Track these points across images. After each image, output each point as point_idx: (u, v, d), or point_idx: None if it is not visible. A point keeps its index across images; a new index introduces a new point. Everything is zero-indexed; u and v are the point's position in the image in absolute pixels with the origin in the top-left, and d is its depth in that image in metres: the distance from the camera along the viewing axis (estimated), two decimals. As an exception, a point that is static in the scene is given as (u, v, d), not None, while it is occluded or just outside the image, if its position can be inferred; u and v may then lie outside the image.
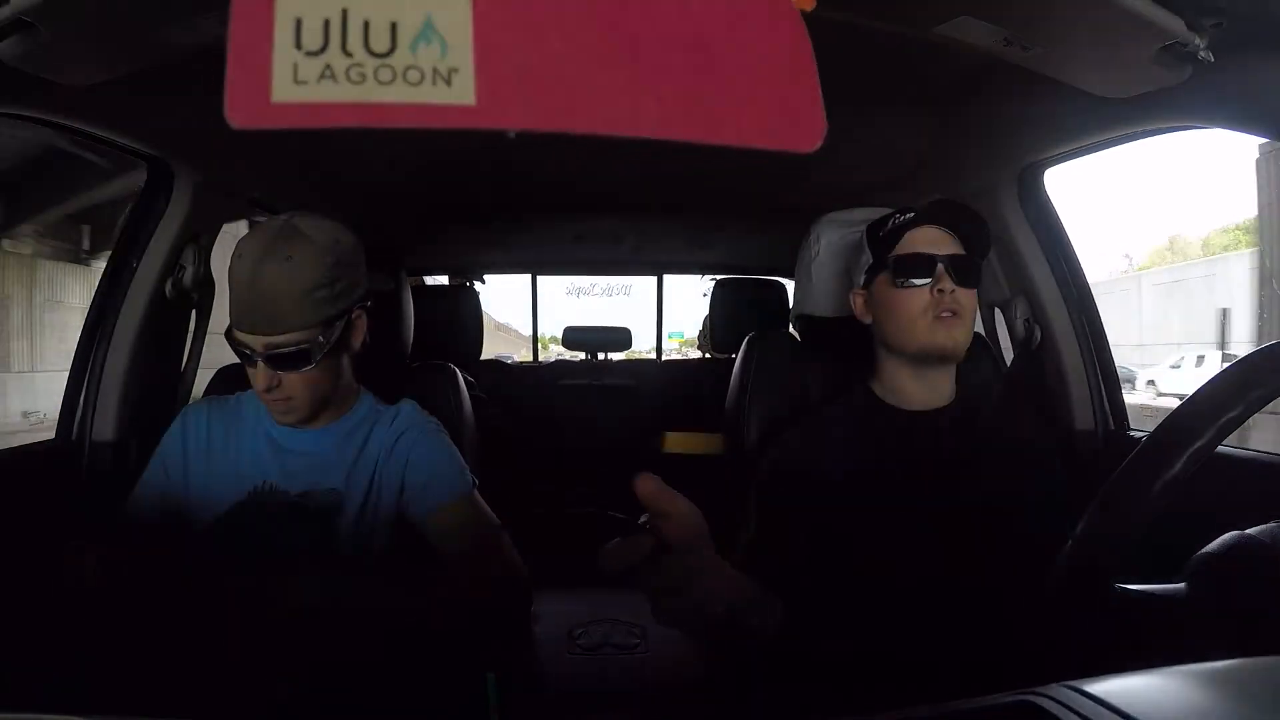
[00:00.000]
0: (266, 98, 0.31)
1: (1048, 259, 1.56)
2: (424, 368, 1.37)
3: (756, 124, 0.35)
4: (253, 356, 1.03)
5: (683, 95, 0.34)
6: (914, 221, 1.10)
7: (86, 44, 0.98)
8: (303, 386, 1.06)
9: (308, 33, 0.31)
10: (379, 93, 0.31)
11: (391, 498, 1.11)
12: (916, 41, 1.04)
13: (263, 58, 0.31)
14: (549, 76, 0.33)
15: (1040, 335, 1.57)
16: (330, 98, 0.31)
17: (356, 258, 1.08)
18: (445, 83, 0.32)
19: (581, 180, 2.10)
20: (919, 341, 1.07)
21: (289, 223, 1.04)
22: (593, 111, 0.33)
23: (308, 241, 1.01)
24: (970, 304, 1.08)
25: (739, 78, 0.35)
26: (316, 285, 1.01)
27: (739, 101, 0.35)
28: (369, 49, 0.31)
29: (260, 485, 1.10)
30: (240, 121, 0.30)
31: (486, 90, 0.32)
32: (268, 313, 1.00)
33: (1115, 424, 1.58)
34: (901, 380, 1.10)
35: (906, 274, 1.07)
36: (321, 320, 1.03)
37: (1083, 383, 1.57)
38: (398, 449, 1.13)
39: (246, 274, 1.00)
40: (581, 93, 0.33)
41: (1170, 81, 0.99)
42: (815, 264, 1.35)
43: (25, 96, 1.07)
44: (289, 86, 0.31)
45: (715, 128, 0.35)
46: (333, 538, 1.07)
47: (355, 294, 1.08)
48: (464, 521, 1.10)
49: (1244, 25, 0.86)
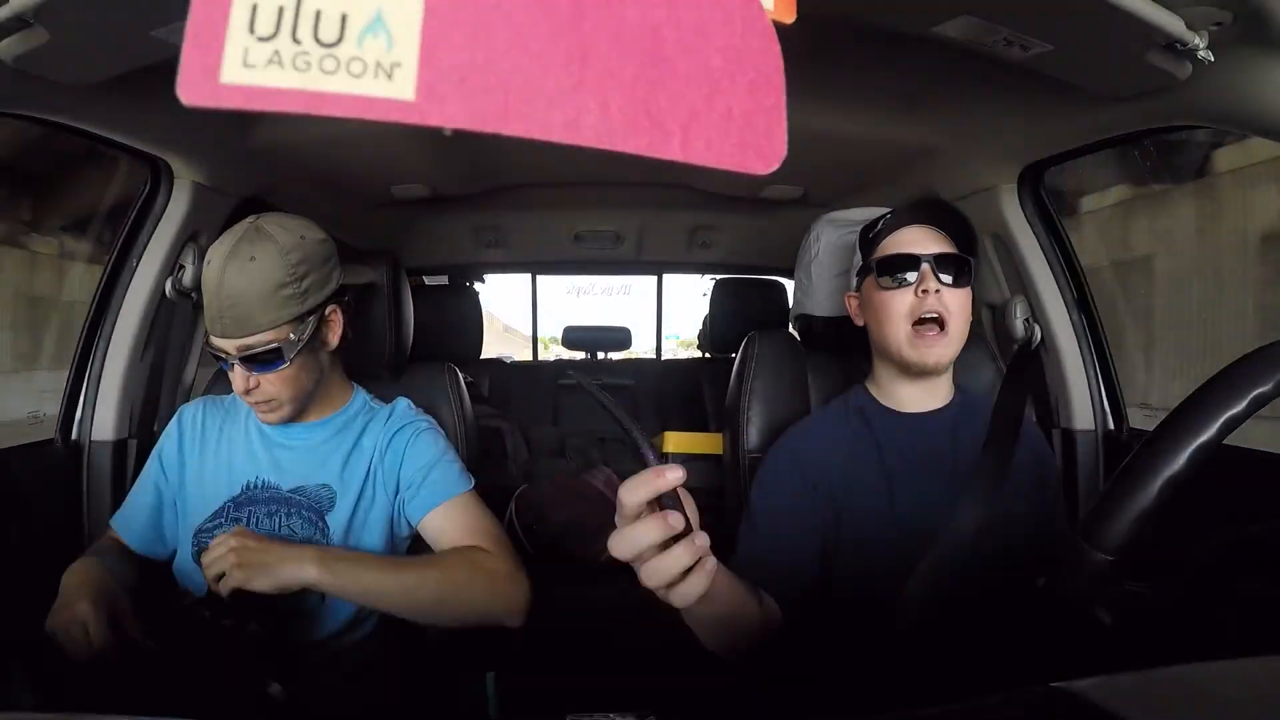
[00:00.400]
0: (216, 78, 0.31)
1: (1047, 258, 1.56)
2: (423, 367, 1.37)
3: (711, 141, 0.34)
4: (228, 360, 1.03)
5: (633, 106, 0.33)
6: (896, 222, 1.08)
7: (86, 44, 0.98)
8: (281, 386, 1.06)
9: (261, 18, 0.31)
10: (321, 81, 0.31)
11: (386, 495, 1.11)
12: (916, 40, 1.04)
13: (217, 39, 0.31)
14: (494, 77, 0.32)
15: (1040, 335, 1.57)
16: (275, 83, 0.31)
17: (324, 253, 1.07)
18: (387, 76, 0.32)
19: (581, 180, 2.11)
20: (901, 355, 1.05)
21: (253, 224, 1.03)
22: (534, 116, 0.32)
23: (270, 241, 1.01)
24: (959, 305, 1.04)
25: (698, 91, 0.34)
26: (280, 284, 1.00)
27: (694, 116, 0.34)
28: (317, 38, 0.32)
29: (253, 481, 1.11)
30: (188, 99, 0.31)
31: (427, 86, 0.32)
32: (235, 315, 1.00)
33: (1115, 424, 1.58)
34: (896, 384, 1.10)
35: (890, 274, 1.05)
36: (291, 319, 1.02)
37: (1082, 382, 1.57)
38: (393, 446, 1.13)
39: (214, 279, 1.00)
40: (525, 97, 0.32)
41: (1170, 81, 1.00)
42: (814, 264, 1.35)
43: (25, 96, 1.07)
44: (238, 69, 0.31)
45: (663, 142, 0.33)
46: (325, 533, 1.07)
47: (326, 290, 1.07)
48: (462, 523, 1.10)
49: (1244, 25, 0.86)
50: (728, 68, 0.34)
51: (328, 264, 1.08)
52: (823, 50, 1.19)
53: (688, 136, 0.34)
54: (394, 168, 1.87)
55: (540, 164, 1.92)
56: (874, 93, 1.40)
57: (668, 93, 0.34)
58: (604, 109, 0.33)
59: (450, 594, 1.01)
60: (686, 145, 0.34)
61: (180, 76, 0.31)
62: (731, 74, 0.34)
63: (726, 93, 0.34)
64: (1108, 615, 0.56)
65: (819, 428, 1.11)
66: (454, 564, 1.04)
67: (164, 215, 1.45)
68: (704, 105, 0.34)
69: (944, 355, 1.03)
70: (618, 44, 0.33)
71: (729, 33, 0.35)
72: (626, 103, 0.33)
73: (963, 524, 1.03)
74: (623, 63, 0.33)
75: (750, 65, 0.35)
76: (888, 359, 1.09)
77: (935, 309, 1.02)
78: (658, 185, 2.15)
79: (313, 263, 1.04)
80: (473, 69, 0.32)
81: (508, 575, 1.06)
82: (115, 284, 1.46)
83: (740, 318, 2.51)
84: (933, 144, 1.50)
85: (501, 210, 2.43)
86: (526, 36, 0.32)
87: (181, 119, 1.28)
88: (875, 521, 1.03)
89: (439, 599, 1.00)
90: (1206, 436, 0.54)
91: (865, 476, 1.05)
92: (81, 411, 1.45)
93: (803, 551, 0.98)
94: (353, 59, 0.32)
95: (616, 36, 0.33)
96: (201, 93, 0.31)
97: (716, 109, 0.34)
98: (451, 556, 1.06)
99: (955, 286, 1.03)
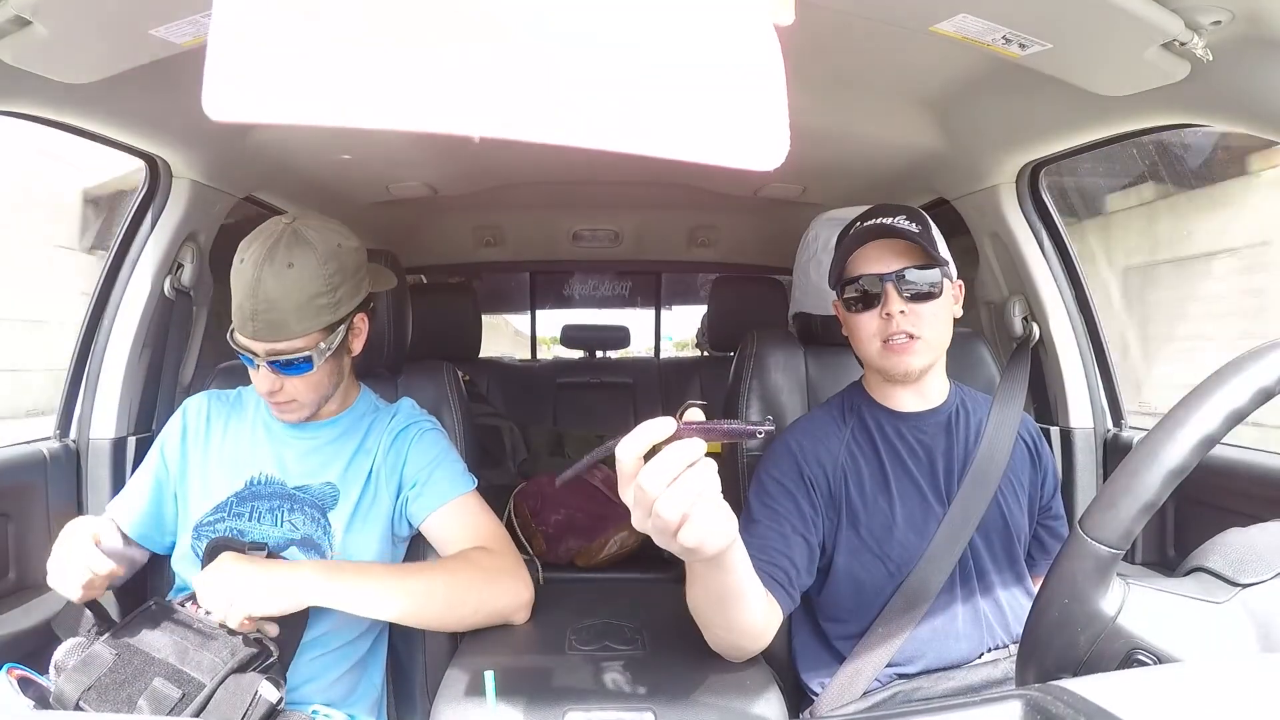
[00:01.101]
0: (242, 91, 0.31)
1: (1046, 257, 1.56)
2: (422, 365, 1.37)
3: (712, 138, 0.34)
4: (254, 361, 1.03)
5: (632, 105, 0.33)
6: (853, 243, 1.06)
7: (84, 42, 0.98)
8: (305, 389, 1.07)
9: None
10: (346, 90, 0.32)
11: (388, 494, 1.11)
12: (915, 39, 1.04)
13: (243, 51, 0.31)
14: (496, 80, 0.32)
15: (1038, 333, 1.57)
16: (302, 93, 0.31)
17: (357, 261, 1.08)
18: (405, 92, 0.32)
19: (579, 179, 2.10)
20: (875, 365, 1.06)
21: (290, 227, 1.02)
22: (530, 117, 0.32)
23: (310, 249, 1.01)
24: (930, 314, 1.02)
25: (699, 89, 0.33)
26: (316, 293, 1.01)
27: (695, 113, 0.33)
28: None
29: (257, 476, 1.11)
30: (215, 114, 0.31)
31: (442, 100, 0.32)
32: (269, 320, 0.99)
33: (1113, 421, 1.58)
34: (886, 388, 1.11)
35: (853, 298, 1.05)
36: (323, 327, 1.03)
37: (1080, 380, 1.57)
38: (395, 446, 1.13)
39: (248, 280, 0.99)
40: (522, 98, 0.32)
41: (1169, 80, 1.00)
42: (813, 262, 1.35)
43: (24, 95, 1.06)
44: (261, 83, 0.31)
45: (665, 140, 0.33)
46: (326, 530, 1.07)
47: (357, 299, 1.08)
48: (466, 523, 1.10)
49: (1242, 23, 0.86)
50: (728, 65, 0.34)
51: (359, 272, 1.08)
52: (822, 48, 1.19)
53: (689, 134, 0.33)
54: (392, 167, 1.87)
55: (539, 163, 1.92)
56: (873, 91, 1.40)
57: (669, 90, 0.33)
58: (605, 107, 0.32)
59: (457, 598, 1.01)
60: (688, 143, 0.33)
61: (205, 92, 0.30)
62: (732, 71, 0.34)
63: (727, 90, 0.34)
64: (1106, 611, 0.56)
65: (818, 424, 1.11)
66: (457, 567, 1.04)
67: (162, 214, 1.45)
68: (705, 102, 0.34)
69: (914, 363, 1.03)
70: (618, 41, 0.33)
71: (729, 30, 0.34)
72: (627, 100, 0.33)
73: (962, 520, 1.03)
74: (623, 60, 0.33)
75: (750, 63, 0.34)
76: (869, 367, 1.11)
77: (901, 329, 1.01)
78: (657, 184, 2.15)
79: (347, 272, 1.05)
80: (488, 74, 0.32)
81: (511, 573, 1.06)
82: (113, 283, 1.46)
83: (739, 316, 2.50)
84: (931, 142, 1.50)
85: (500, 209, 2.42)
86: (532, 38, 0.32)
87: (180, 117, 1.28)
88: (873, 518, 1.03)
89: (447, 604, 1.00)
90: (1210, 429, 0.54)
91: (863, 473, 1.06)
92: (80, 410, 1.45)
93: (798, 545, 0.99)
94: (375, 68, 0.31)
95: (617, 34, 0.33)
96: (227, 108, 0.30)
97: (717, 106, 0.34)
98: (453, 561, 1.07)
99: (922, 301, 1.01)
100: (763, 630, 0.90)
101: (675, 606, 1.09)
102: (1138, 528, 0.55)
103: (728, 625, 0.86)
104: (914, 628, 1.01)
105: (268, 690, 0.89)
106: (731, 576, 0.78)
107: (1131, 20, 0.87)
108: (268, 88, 0.30)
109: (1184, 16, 0.87)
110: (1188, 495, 0.54)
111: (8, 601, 1.25)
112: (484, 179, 2.06)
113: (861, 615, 1.03)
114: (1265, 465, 1.25)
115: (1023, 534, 1.09)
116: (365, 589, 0.96)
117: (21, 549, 1.32)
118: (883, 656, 1.01)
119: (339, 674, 1.07)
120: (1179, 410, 0.55)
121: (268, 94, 0.30)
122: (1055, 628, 0.57)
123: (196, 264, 1.52)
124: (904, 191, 1.86)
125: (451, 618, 1.02)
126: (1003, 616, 1.04)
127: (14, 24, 0.91)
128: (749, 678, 0.89)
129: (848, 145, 1.61)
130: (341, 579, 0.96)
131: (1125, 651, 0.55)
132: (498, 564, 1.06)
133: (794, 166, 1.82)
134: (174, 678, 0.89)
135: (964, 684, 1.01)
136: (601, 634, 1.01)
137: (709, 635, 0.90)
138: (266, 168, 1.64)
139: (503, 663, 0.89)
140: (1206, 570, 0.58)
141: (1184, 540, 1.37)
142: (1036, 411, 1.63)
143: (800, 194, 2.09)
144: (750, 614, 0.85)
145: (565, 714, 0.80)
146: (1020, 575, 1.08)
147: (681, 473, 0.59)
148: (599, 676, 0.89)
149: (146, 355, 1.50)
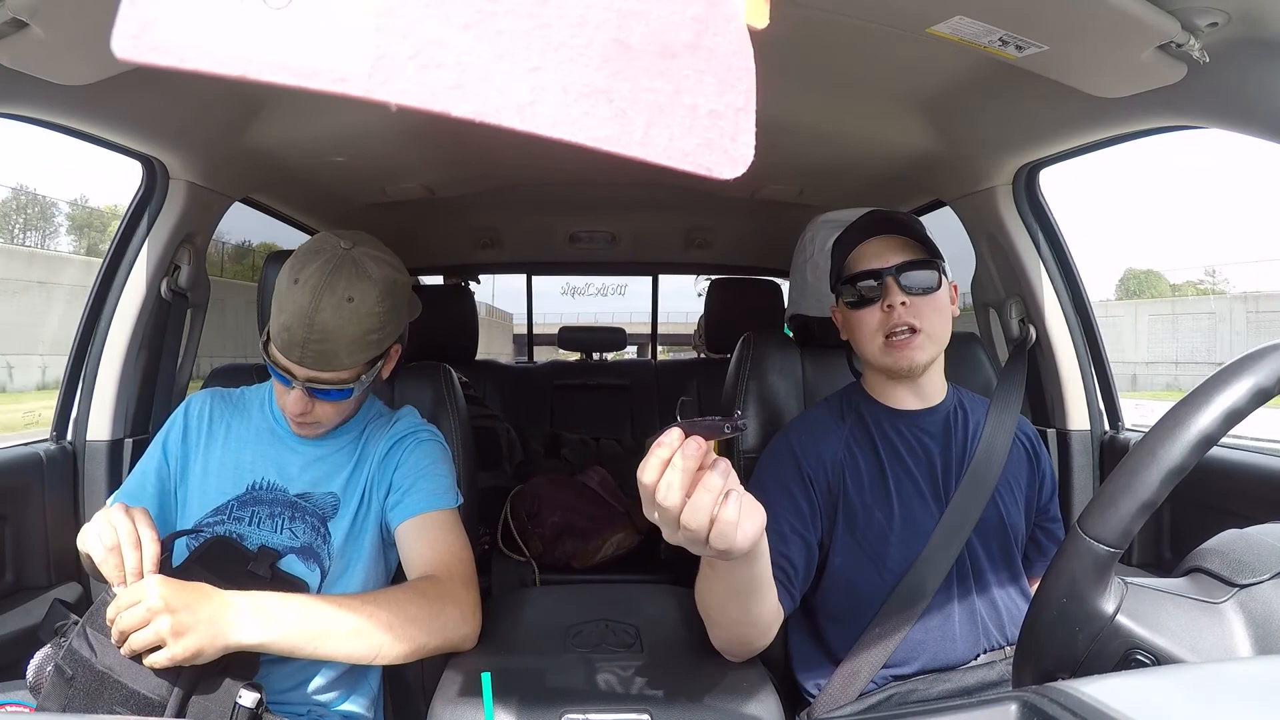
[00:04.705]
0: (153, 32, 0.28)
1: (1043, 260, 1.56)
2: (419, 367, 1.37)
3: (675, 139, 0.32)
4: (291, 382, 1.02)
5: (593, 96, 0.31)
6: (855, 238, 1.09)
7: (81, 45, 0.98)
8: (334, 413, 1.07)
9: None
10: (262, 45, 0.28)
11: (378, 499, 1.10)
12: (912, 41, 1.04)
13: None
14: (447, 54, 0.30)
15: (1035, 335, 1.57)
16: (215, 42, 0.28)
17: (406, 294, 1.07)
18: (335, 46, 0.29)
19: (576, 181, 2.10)
20: (877, 362, 1.07)
21: (349, 254, 0.99)
22: (486, 98, 0.30)
23: (370, 283, 0.98)
24: (931, 308, 1.04)
25: (663, 86, 0.32)
26: (370, 330, 1.00)
27: (658, 111, 0.32)
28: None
29: (259, 481, 1.10)
30: (122, 53, 0.28)
31: (376, 59, 0.29)
32: (320, 350, 0.98)
33: (1110, 423, 1.58)
34: (885, 388, 1.11)
35: (855, 293, 1.07)
36: (368, 360, 1.03)
37: (1078, 382, 1.57)
38: (391, 452, 1.12)
39: (303, 306, 0.96)
40: (479, 76, 0.30)
41: (1166, 81, 1.00)
42: (809, 264, 1.35)
43: (21, 97, 1.06)
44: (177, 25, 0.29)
45: (625, 136, 0.31)
46: (326, 539, 1.07)
47: (400, 331, 1.08)
48: (434, 538, 1.06)
49: (1239, 25, 0.87)
50: (696, 64, 0.32)
51: (405, 305, 1.07)
52: (819, 50, 1.19)
53: (650, 132, 0.32)
54: (389, 168, 1.87)
55: (536, 165, 1.92)
56: (870, 93, 1.40)
57: (632, 85, 0.32)
58: (562, 96, 0.31)
59: (398, 632, 0.92)
60: (648, 142, 0.32)
61: (115, 29, 0.28)
62: (700, 71, 0.32)
63: (693, 90, 0.32)
64: (1106, 610, 0.56)
65: (817, 421, 1.11)
66: (401, 600, 0.96)
67: (159, 215, 1.44)
68: (669, 101, 0.32)
69: (918, 357, 1.04)
70: (581, 29, 0.31)
71: (699, 28, 0.32)
72: (586, 91, 0.31)
73: (959, 521, 1.03)
74: (585, 49, 0.31)
75: (720, 64, 0.33)
76: (870, 366, 1.11)
77: (903, 321, 1.03)
78: (653, 186, 2.15)
79: (399, 307, 1.04)
80: (425, 43, 0.30)
81: (457, 602, 0.99)
82: (110, 284, 1.45)
83: (736, 318, 2.51)
84: (928, 144, 1.50)
85: (497, 211, 2.42)
86: (483, 14, 0.30)
87: (177, 119, 1.28)
88: (872, 515, 1.04)
89: (391, 639, 0.92)
90: (1208, 429, 0.54)
91: (862, 470, 1.06)
92: (77, 411, 1.45)
93: (796, 544, 0.99)
94: (300, 23, 0.29)
95: (580, 21, 0.31)
96: (136, 48, 0.28)
97: (682, 106, 0.32)
98: (398, 593, 0.99)
99: (922, 294, 1.04)
100: (773, 622, 0.90)
101: (672, 608, 1.09)
102: (1136, 527, 0.55)
103: (746, 618, 0.86)
104: (910, 629, 1.01)
105: (246, 697, 0.86)
106: (757, 567, 0.78)
107: (1128, 22, 0.87)
108: (184, 31, 0.28)
109: (1180, 18, 0.87)
110: (1184, 496, 0.54)
111: (6, 603, 1.25)
112: (481, 181, 2.05)
113: (858, 616, 1.03)
114: (1263, 465, 1.25)
115: (1019, 536, 1.09)
116: (302, 631, 0.88)
117: (18, 551, 1.31)
118: (879, 658, 1.01)
119: (336, 674, 1.07)
120: (1178, 410, 0.56)
121: (182, 37, 0.28)
122: (1053, 627, 0.57)
123: (193, 265, 1.52)
124: (901, 193, 1.86)
125: (390, 654, 0.93)
126: (999, 618, 1.04)
127: (11, 26, 0.91)
128: (745, 679, 0.89)
129: (845, 147, 1.61)
130: (278, 622, 0.87)
131: (1123, 651, 0.55)
132: (443, 593, 0.99)
133: (791, 168, 1.83)
134: (128, 701, 0.83)
135: (960, 685, 1.01)
136: (598, 635, 1.01)
137: (717, 632, 0.89)
138: (263, 169, 1.63)
139: (499, 664, 0.88)
140: (1204, 570, 0.59)
141: (1180, 542, 1.37)
142: (1033, 414, 1.63)
143: (797, 195, 2.09)
144: (768, 604, 0.86)
145: (561, 715, 0.80)
146: (1017, 577, 1.08)
147: (694, 478, 0.61)
148: (595, 678, 0.89)
149: (143, 357, 1.50)
